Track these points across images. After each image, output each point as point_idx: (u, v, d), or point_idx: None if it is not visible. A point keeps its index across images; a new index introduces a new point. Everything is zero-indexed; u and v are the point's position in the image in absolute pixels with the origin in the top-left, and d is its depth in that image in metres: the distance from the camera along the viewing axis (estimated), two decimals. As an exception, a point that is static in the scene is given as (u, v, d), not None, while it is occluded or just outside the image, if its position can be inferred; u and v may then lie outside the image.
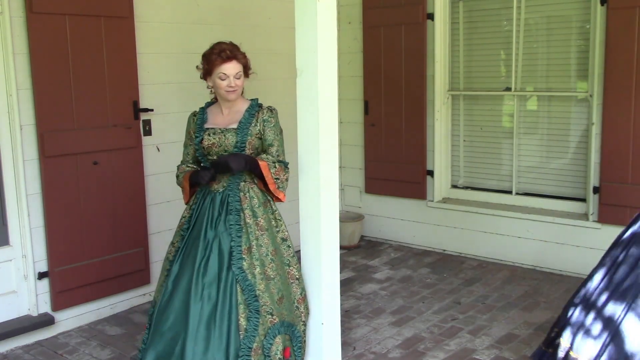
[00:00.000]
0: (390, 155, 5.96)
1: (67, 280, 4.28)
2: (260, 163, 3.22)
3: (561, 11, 5.18)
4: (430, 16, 5.62)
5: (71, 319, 4.37)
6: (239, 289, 3.12)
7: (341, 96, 3.63)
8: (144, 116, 4.62)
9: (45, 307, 4.25)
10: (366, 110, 6.08)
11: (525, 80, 5.45)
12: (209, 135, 3.29)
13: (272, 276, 3.23)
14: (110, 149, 4.42)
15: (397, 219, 6.12)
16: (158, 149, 4.76)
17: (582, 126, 5.16)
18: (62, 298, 4.28)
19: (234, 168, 3.16)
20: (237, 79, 3.24)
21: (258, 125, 3.28)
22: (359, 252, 5.93)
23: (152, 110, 4.64)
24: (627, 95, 4.70)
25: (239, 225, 3.20)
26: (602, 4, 4.78)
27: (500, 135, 5.63)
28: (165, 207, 4.84)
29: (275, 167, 3.26)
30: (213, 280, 3.12)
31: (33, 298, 4.19)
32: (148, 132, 4.68)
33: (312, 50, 3.23)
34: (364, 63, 6.03)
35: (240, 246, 3.17)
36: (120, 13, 4.37)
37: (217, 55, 3.21)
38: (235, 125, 3.29)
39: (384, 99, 5.93)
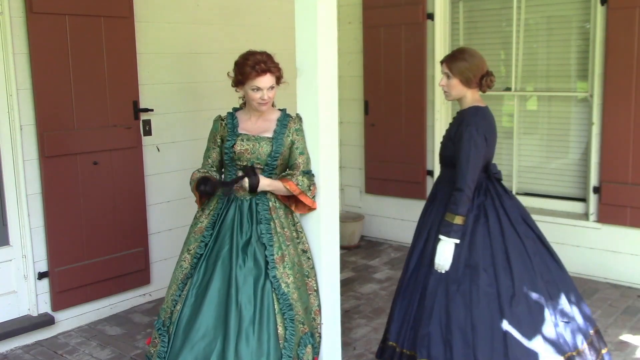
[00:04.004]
0: (390, 155, 5.96)
1: (67, 280, 4.28)
2: (298, 194, 3.19)
3: (561, 11, 5.18)
4: (430, 16, 5.62)
5: (71, 319, 4.37)
6: (275, 298, 3.09)
7: (341, 96, 3.62)
8: (144, 116, 4.62)
9: (45, 307, 4.25)
10: (366, 110, 6.08)
11: (525, 80, 5.45)
12: (242, 140, 3.21)
13: (299, 286, 3.21)
14: (110, 149, 4.42)
15: (397, 219, 6.12)
16: (158, 149, 4.76)
17: (582, 126, 5.16)
18: (62, 298, 4.28)
19: (252, 187, 3.13)
20: (270, 91, 3.17)
21: (290, 135, 3.25)
22: (359, 252, 5.93)
23: (152, 110, 4.64)
24: (627, 95, 4.70)
25: (270, 234, 3.16)
26: (602, 4, 4.78)
27: (500, 135, 5.59)
28: (165, 207, 4.84)
29: (310, 189, 3.23)
30: (250, 288, 3.06)
31: (33, 298, 4.19)
32: (148, 132, 4.67)
33: (312, 50, 3.22)
34: (364, 63, 6.03)
35: (273, 255, 3.13)
36: (120, 13, 4.37)
37: (251, 68, 3.10)
38: (269, 135, 3.24)
39: (384, 99, 5.93)
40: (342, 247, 5.61)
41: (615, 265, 4.95)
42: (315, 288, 3.33)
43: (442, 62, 3.38)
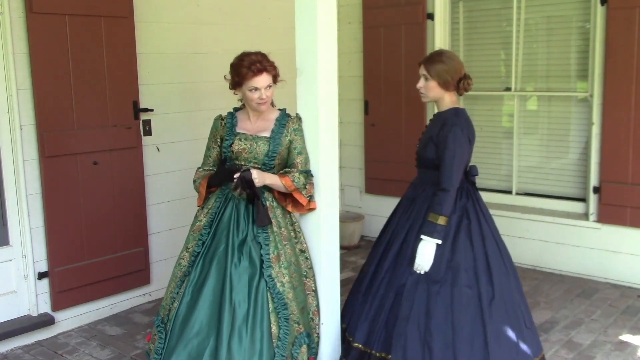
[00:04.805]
0: (390, 155, 5.96)
1: (67, 280, 4.28)
2: (293, 191, 3.20)
3: (561, 11, 5.18)
4: (430, 16, 5.62)
5: (71, 319, 4.37)
6: (269, 297, 3.10)
7: (341, 96, 3.63)
8: (144, 116, 4.62)
9: (45, 307, 4.25)
10: (366, 110, 6.08)
11: (525, 80, 5.45)
12: (240, 140, 3.24)
13: (295, 286, 3.22)
14: (110, 149, 4.41)
15: (397, 219, 6.10)
16: (158, 149, 4.76)
17: (582, 126, 5.16)
18: (62, 298, 4.28)
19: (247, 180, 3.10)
20: (268, 90, 3.18)
21: (289, 135, 3.26)
22: (359, 252, 5.93)
23: (152, 110, 4.64)
24: (627, 95, 4.70)
25: (266, 233, 3.17)
26: (602, 4, 4.78)
27: (500, 135, 5.63)
28: (165, 207, 4.84)
29: (305, 187, 3.24)
30: (244, 287, 3.07)
31: (33, 298, 4.19)
32: (148, 132, 4.67)
33: (312, 50, 3.23)
34: (364, 63, 6.03)
35: (269, 254, 3.14)
36: (120, 13, 4.37)
37: (247, 68, 3.12)
38: (266, 134, 3.25)
39: (384, 99, 5.93)
40: (342, 247, 5.61)
41: (615, 265, 4.95)
42: (314, 288, 3.33)
43: (420, 64, 3.37)
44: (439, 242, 3.18)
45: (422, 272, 3.21)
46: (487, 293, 3.18)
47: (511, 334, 3.19)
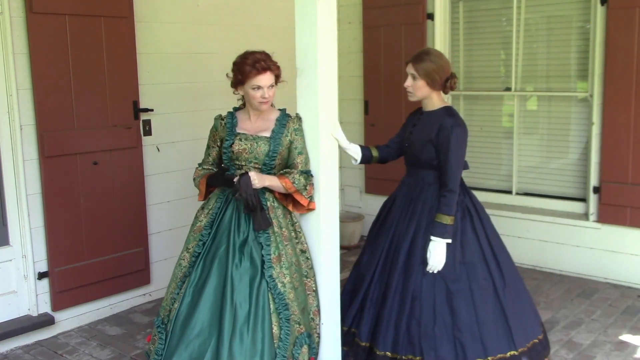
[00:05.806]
0: (390, 155, 5.95)
1: (67, 280, 4.28)
2: (293, 192, 3.19)
3: (561, 11, 5.18)
4: (430, 16, 5.62)
5: (71, 319, 4.37)
6: (270, 297, 3.09)
7: (341, 96, 3.63)
8: (144, 116, 4.62)
9: (45, 307, 4.25)
10: (366, 110, 6.08)
11: (525, 80, 5.45)
12: (240, 140, 3.22)
13: (296, 286, 3.21)
14: (110, 149, 4.41)
15: (397, 219, 6.10)
16: (158, 149, 4.76)
17: (582, 126, 5.16)
18: (62, 298, 4.28)
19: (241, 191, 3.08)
20: (270, 89, 3.17)
21: (289, 135, 3.24)
22: (359, 252, 5.92)
23: (152, 110, 4.64)
24: (627, 95, 4.70)
25: (267, 234, 3.16)
26: (602, 4, 4.78)
27: (500, 135, 5.63)
28: (165, 207, 4.84)
29: (306, 189, 3.22)
30: (245, 287, 3.06)
31: (33, 298, 4.19)
32: (148, 132, 4.67)
33: (312, 50, 3.22)
34: (364, 63, 6.03)
35: (270, 254, 3.13)
36: (120, 13, 4.37)
37: (251, 66, 3.09)
38: (267, 134, 3.23)
39: (384, 99, 5.93)
40: (342, 247, 5.61)
41: (615, 265, 4.95)
42: (314, 288, 3.33)
43: (407, 63, 3.40)
44: (450, 241, 3.25)
45: (436, 272, 3.28)
46: (499, 282, 3.33)
47: (524, 312, 3.41)
